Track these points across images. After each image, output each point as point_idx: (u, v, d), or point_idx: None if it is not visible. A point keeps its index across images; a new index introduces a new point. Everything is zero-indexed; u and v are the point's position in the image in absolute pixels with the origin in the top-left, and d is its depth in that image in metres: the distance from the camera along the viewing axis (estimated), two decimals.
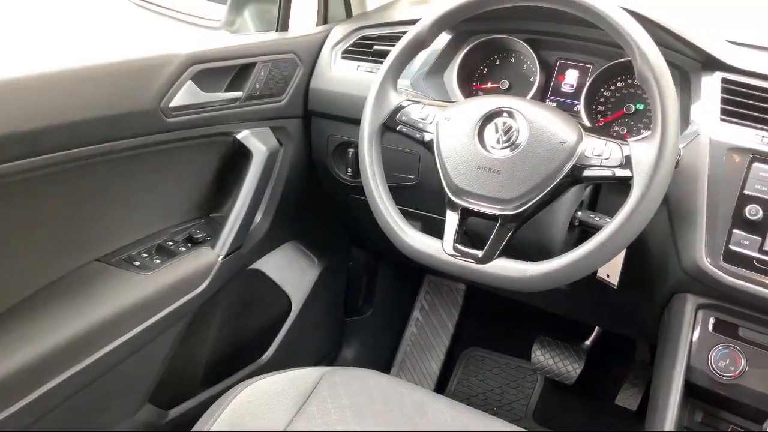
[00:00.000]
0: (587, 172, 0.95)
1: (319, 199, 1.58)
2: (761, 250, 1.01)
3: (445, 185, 1.02)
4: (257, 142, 1.32)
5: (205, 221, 1.35)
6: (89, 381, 1.09)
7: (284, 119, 1.40)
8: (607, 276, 1.18)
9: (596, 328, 1.75)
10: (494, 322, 1.96)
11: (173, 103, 1.13)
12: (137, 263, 1.19)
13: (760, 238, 1.01)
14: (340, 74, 1.40)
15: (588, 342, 1.74)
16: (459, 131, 1.02)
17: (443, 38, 1.32)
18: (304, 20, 1.47)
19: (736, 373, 1.04)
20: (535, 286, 0.96)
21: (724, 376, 1.05)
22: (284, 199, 1.44)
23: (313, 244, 1.63)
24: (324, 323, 1.74)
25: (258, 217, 1.40)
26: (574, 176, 0.96)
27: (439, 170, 1.03)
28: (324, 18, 1.52)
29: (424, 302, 1.97)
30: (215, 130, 1.25)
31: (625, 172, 0.92)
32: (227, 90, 1.25)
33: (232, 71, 1.25)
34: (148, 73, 1.09)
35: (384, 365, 1.92)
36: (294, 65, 1.38)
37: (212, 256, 1.27)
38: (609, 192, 1.17)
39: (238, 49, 1.25)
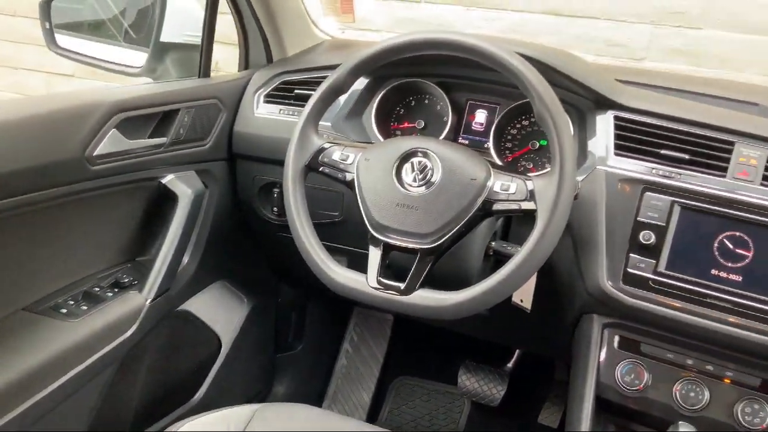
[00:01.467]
0: (497, 206, 1.03)
1: (246, 239, 1.61)
2: (656, 272, 1.11)
3: (367, 222, 1.08)
4: (182, 186, 1.34)
5: (131, 265, 1.36)
6: None
7: (209, 162, 1.43)
8: (521, 301, 1.26)
9: (517, 350, 1.83)
10: (422, 350, 2.02)
11: (98, 152, 1.15)
12: (64, 310, 1.19)
13: (654, 261, 1.11)
14: (263, 118, 1.45)
15: (510, 364, 1.83)
16: (378, 171, 1.09)
17: (361, 82, 1.39)
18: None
19: (641, 386, 1.14)
20: (454, 314, 1.02)
21: (630, 389, 1.14)
22: (211, 239, 1.46)
23: (242, 282, 1.65)
24: (255, 361, 1.76)
25: (185, 259, 1.42)
26: (485, 210, 1.04)
27: (361, 208, 1.09)
28: (245, 63, 1.57)
29: (354, 334, 2.02)
30: (140, 175, 1.28)
31: (530, 205, 1.01)
32: (152, 136, 1.28)
33: (156, 118, 1.28)
34: (72, 122, 1.11)
35: (316, 399, 1.95)
36: (217, 110, 1.42)
37: (140, 299, 1.28)
38: (520, 223, 1.26)
39: (161, 96, 1.28)
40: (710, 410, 1.10)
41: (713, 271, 1.08)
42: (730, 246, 1.08)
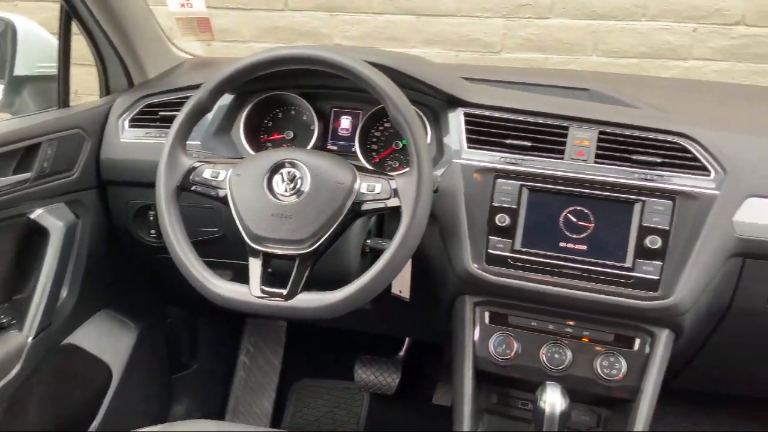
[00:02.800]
0: (365, 206, 1.10)
1: (126, 264, 1.60)
2: (512, 250, 1.23)
3: (244, 235, 1.12)
4: (52, 219, 1.32)
5: (8, 305, 1.32)
6: None
7: (78, 192, 1.42)
8: (400, 291, 1.35)
9: (406, 339, 1.93)
10: (318, 351, 2.08)
11: None
12: None
13: (510, 240, 1.23)
14: (130, 142, 1.45)
15: (402, 353, 1.92)
16: (249, 185, 1.13)
17: (227, 98, 1.42)
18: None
19: (512, 354, 1.25)
20: (337, 312, 1.09)
21: (503, 359, 1.25)
22: (89, 269, 1.44)
23: (127, 309, 1.64)
24: (150, 384, 1.75)
25: (64, 292, 1.39)
26: (355, 211, 1.11)
27: (237, 222, 1.12)
28: (106, 89, 1.56)
29: (249, 345, 2.04)
30: (7, 213, 1.25)
31: (395, 203, 1.09)
32: (15, 172, 1.25)
33: (18, 154, 1.26)
34: None
35: (217, 414, 1.95)
36: (81, 139, 1.41)
37: (21, 338, 1.25)
38: (391, 219, 1.34)
39: (21, 131, 1.26)
40: (574, 368, 1.23)
41: (561, 244, 1.21)
42: (574, 220, 1.21)
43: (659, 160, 1.18)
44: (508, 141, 1.25)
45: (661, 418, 1.68)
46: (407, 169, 1.12)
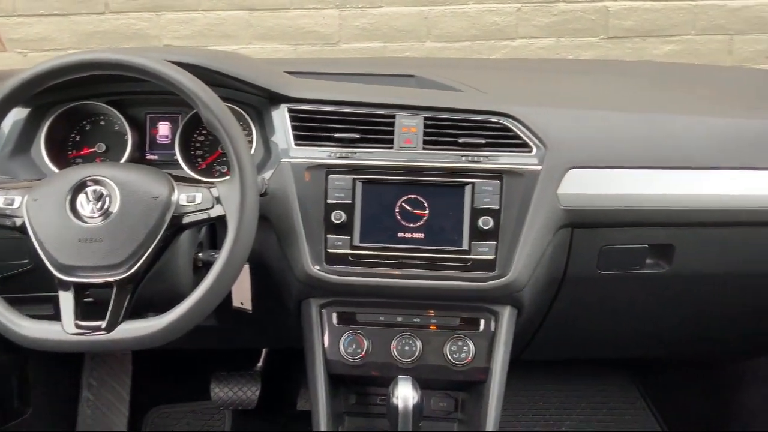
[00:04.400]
0: (187, 219, 1.02)
1: None
2: (352, 247, 1.19)
3: (50, 266, 1.00)
4: None
5: None
6: None
7: None
8: (242, 303, 1.28)
9: (264, 349, 1.86)
10: (170, 375, 1.95)
11: None
12: None
13: (349, 237, 1.19)
14: None
15: (260, 364, 1.84)
16: (50, 209, 1.01)
17: (21, 112, 1.27)
18: None
19: (363, 353, 1.22)
20: (166, 338, 1.00)
21: (354, 359, 1.22)
22: None
23: None
24: None
25: None
26: (177, 225, 1.02)
27: (40, 252, 1.00)
28: None
29: (91, 379, 1.87)
30: None
31: (219, 211, 1.02)
32: None
33: None
34: None
35: None
36: None
37: None
38: (223, 228, 1.26)
39: None
40: (425, 357, 1.22)
41: (400, 234, 1.19)
42: (410, 209, 1.19)
43: (484, 141, 1.19)
44: (337, 135, 1.21)
45: (516, 391, 1.75)
46: (229, 177, 1.05)
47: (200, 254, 1.19)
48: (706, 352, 1.68)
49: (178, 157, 1.29)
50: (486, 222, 1.16)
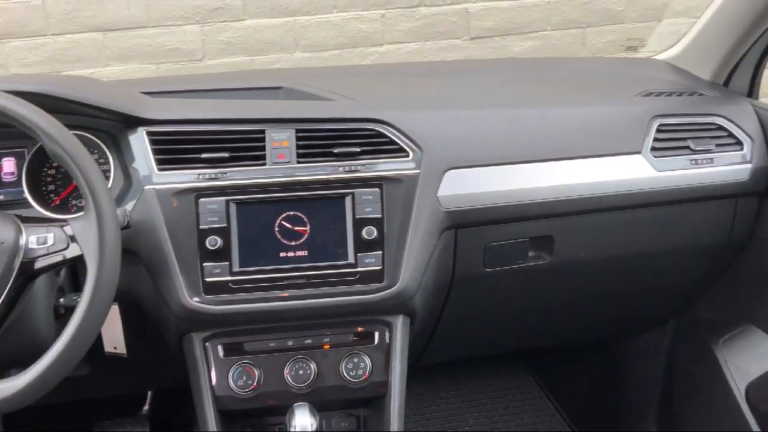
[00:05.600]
0: (39, 263, 0.92)
1: None
2: (231, 273, 1.12)
3: None
4: None
5: None
6: None
7: None
8: (115, 348, 1.17)
9: (149, 391, 1.73)
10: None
11: None
12: None
13: (227, 263, 1.12)
14: None
15: (146, 407, 1.72)
16: None
17: None
18: None
19: (255, 384, 1.15)
20: (29, 398, 0.90)
21: (246, 392, 1.15)
22: None
23: None
24: None
25: None
26: (28, 272, 0.92)
27: None
28: None
29: None
30: None
31: (75, 251, 0.92)
32: None
33: None
34: None
35: None
36: None
37: None
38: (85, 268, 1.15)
39: None
40: (321, 379, 1.17)
41: (282, 254, 1.13)
42: (289, 226, 1.14)
43: (359, 149, 1.16)
44: (204, 155, 1.13)
45: (418, 397, 1.73)
46: (84, 212, 0.95)
47: (62, 299, 1.08)
48: (595, 335, 1.74)
49: (27, 194, 1.16)
50: (370, 232, 1.13)
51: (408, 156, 1.17)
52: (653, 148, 1.28)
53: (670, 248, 1.36)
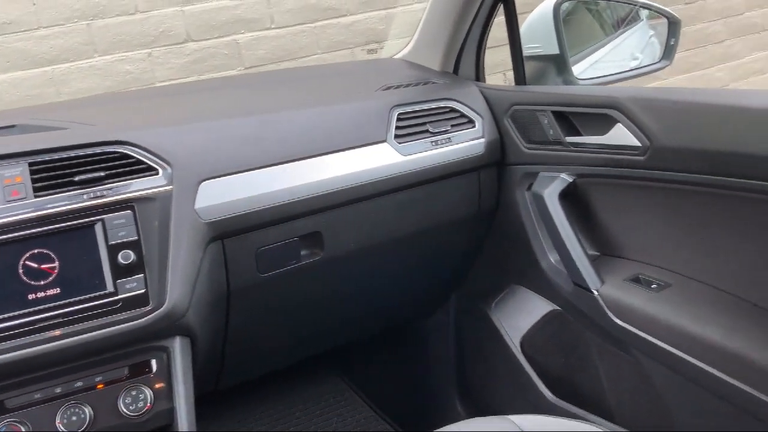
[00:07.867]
0: None
1: None
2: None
3: None
4: None
5: None
6: None
7: None
8: None
9: None
10: None
11: None
12: None
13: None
14: None
15: None
16: None
17: None
18: None
19: None
20: None
21: None
22: None
23: None
24: None
25: None
26: None
27: None
28: None
29: None
30: None
31: None
32: None
33: None
34: None
35: None
36: None
37: None
38: None
39: None
40: (99, 422, 1.09)
41: (30, 296, 1.05)
42: (35, 266, 1.06)
43: (104, 173, 1.11)
44: None
45: (224, 422, 1.68)
46: None
47: None
48: (388, 322, 1.80)
49: None
50: (126, 256, 1.09)
51: (158, 173, 1.14)
52: (396, 135, 1.37)
53: (432, 226, 1.45)
